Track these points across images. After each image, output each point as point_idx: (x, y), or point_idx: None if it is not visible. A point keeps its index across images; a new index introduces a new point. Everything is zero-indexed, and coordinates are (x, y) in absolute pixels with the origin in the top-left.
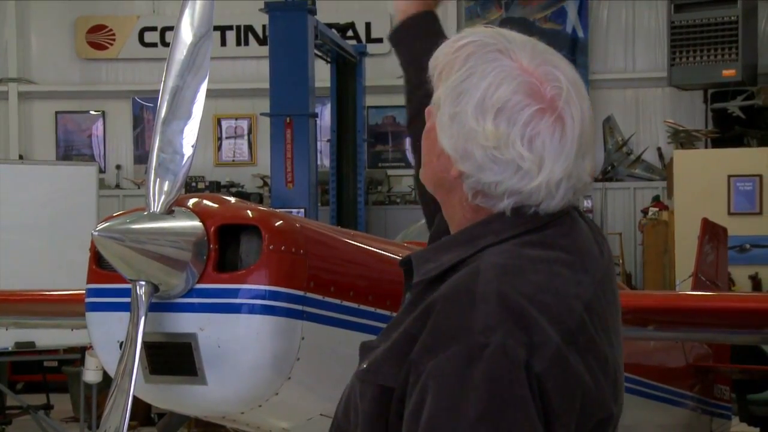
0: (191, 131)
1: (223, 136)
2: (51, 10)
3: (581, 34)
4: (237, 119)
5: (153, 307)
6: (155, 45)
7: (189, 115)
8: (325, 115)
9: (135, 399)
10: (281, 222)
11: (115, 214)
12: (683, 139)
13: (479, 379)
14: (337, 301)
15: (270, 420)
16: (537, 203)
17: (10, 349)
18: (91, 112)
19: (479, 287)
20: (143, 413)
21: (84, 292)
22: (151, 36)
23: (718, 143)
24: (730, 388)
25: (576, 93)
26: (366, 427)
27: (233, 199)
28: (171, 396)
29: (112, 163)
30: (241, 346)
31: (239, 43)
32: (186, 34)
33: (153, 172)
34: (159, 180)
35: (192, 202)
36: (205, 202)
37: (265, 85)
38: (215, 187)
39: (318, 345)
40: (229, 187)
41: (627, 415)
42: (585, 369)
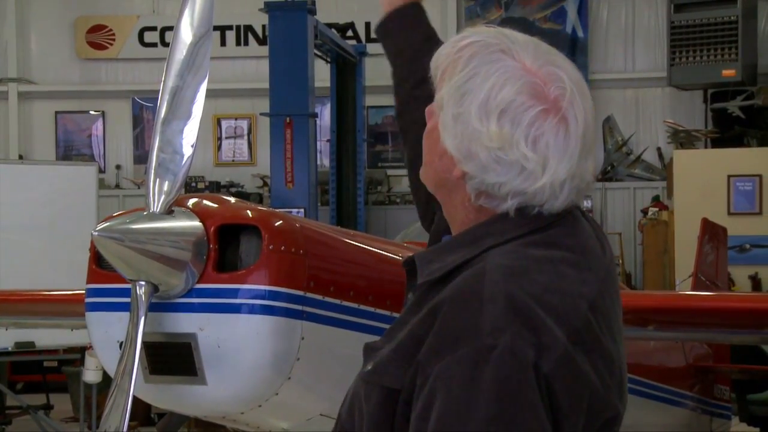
0: (191, 131)
1: (223, 136)
2: (51, 10)
3: (581, 34)
4: (237, 119)
5: (153, 307)
6: (155, 45)
7: (189, 115)
8: (325, 115)
9: (135, 399)
10: (281, 222)
11: (115, 214)
12: (683, 139)
13: (488, 381)
14: (337, 301)
15: (270, 420)
16: (541, 203)
17: (10, 349)
18: (91, 112)
19: (486, 288)
20: (143, 413)
21: (84, 292)
22: (151, 36)
23: (717, 143)
24: (730, 388)
25: (579, 93)
26: (371, 429)
27: (233, 199)
28: (171, 396)
29: (111, 163)
30: (241, 346)
31: (239, 43)
32: (186, 34)
33: (153, 172)
34: (159, 180)
35: (192, 202)
36: (205, 202)
37: (265, 85)
38: (215, 187)
39: (318, 345)
40: (229, 187)
41: (627, 415)
42: (591, 369)
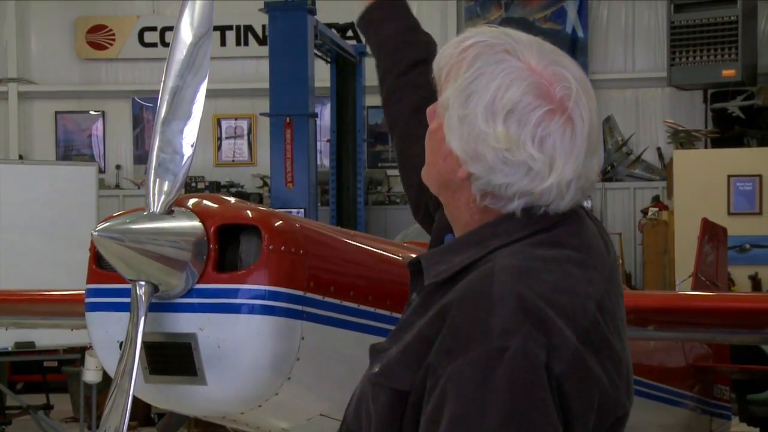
0: (191, 131)
1: (223, 136)
2: (51, 10)
3: (581, 34)
4: (237, 119)
5: (153, 307)
6: (155, 45)
7: (189, 115)
8: (325, 115)
9: (135, 399)
10: (281, 222)
11: (115, 214)
12: (683, 139)
13: (500, 383)
14: (337, 301)
15: (270, 420)
16: (547, 203)
17: (9, 349)
18: (91, 112)
19: (495, 289)
20: (143, 413)
21: (84, 292)
22: (151, 36)
23: (717, 143)
24: (729, 388)
25: (584, 93)
26: (379, 431)
27: (233, 199)
28: (171, 396)
29: (111, 163)
30: (241, 346)
31: (239, 43)
32: (186, 34)
33: (153, 172)
34: (159, 180)
35: (192, 202)
36: (205, 202)
37: (265, 85)
38: (215, 188)
39: (318, 345)
40: (229, 188)
41: None
42: (601, 369)
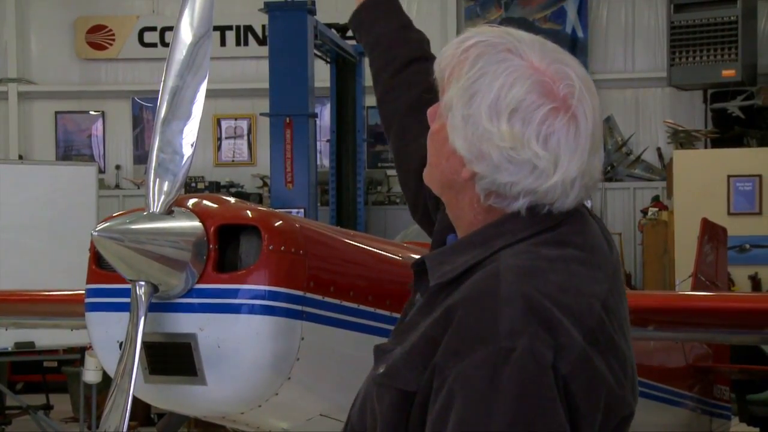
0: (191, 131)
1: (223, 136)
2: (51, 10)
3: (581, 34)
4: (236, 119)
5: (153, 307)
6: (155, 45)
7: (189, 115)
8: (325, 115)
9: (135, 399)
10: (281, 222)
11: (115, 214)
12: (683, 139)
13: (508, 384)
14: (337, 302)
15: (270, 420)
16: (551, 202)
17: (9, 350)
18: (91, 112)
19: (501, 289)
20: (143, 413)
21: (84, 292)
22: (151, 36)
23: (717, 143)
24: (729, 388)
25: (587, 90)
26: None
27: (233, 200)
28: (171, 396)
29: (111, 163)
30: (241, 346)
31: (239, 43)
32: (186, 34)
33: (153, 172)
34: (159, 180)
35: (192, 202)
36: (205, 202)
37: (265, 85)
38: (215, 188)
39: (318, 345)
40: (229, 188)
41: None
42: (607, 368)
